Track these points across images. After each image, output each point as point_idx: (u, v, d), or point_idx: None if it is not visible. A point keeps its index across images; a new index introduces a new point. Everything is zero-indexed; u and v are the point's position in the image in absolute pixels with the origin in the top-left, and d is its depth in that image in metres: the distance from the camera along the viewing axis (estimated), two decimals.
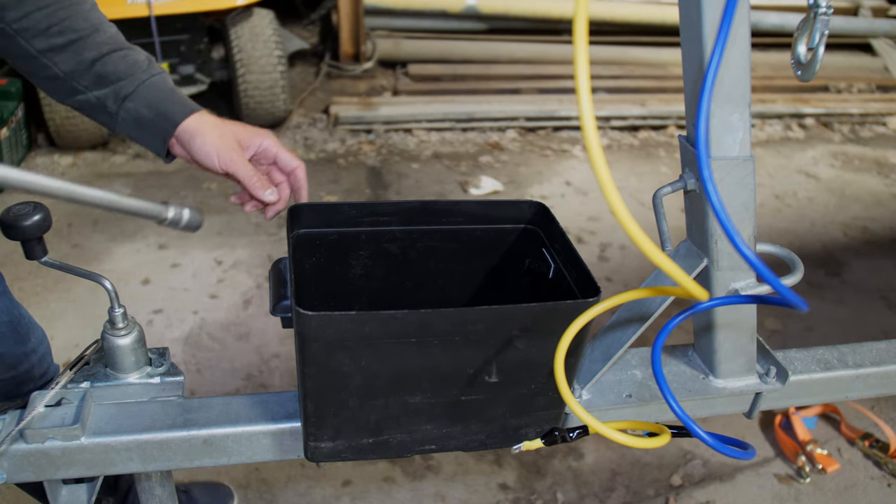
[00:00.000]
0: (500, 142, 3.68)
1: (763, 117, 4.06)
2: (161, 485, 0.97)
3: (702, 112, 0.59)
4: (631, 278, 2.58)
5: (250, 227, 2.80)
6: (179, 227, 0.88)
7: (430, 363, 0.80)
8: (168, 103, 0.95)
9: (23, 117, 3.16)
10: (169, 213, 0.87)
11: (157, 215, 0.85)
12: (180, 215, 0.88)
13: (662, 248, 0.90)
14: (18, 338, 1.17)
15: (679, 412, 0.74)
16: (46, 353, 1.24)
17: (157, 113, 0.94)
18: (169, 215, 0.87)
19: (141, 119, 0.94)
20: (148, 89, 0.94)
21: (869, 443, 1.86)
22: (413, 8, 4.36)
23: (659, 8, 4.59)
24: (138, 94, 0.94)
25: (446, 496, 1.72)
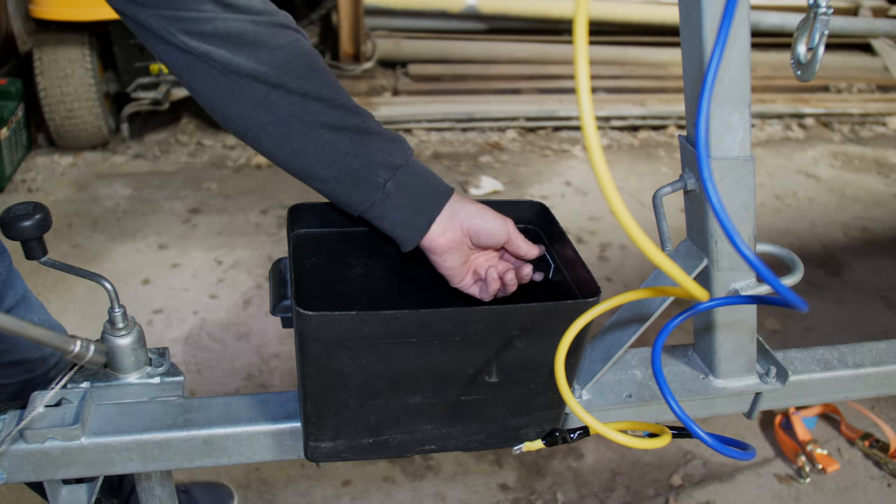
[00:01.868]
0: (500, 142, 3.68)
1: (763, 117, 4.06)
2: (161, 485, 0.97)
3: (702, 112, 0.59)
4: (631, 278, 2.58)
5: (250, 227, 2.80)
6: (83, 362, 0.84)
7: (430, 363, 0.80)
8: (433, 178, 0.87)
9: (23, 117, 3.16)
10: (75, 347, 0.82)
11: (62, 347, 0.81)
12: (87, 350, 0.84)
13: (662, 248, 0.90)
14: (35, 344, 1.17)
15: (679, 412, 0.74)
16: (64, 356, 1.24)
17: (429, 187, 0.86)
18: (75, 349, 0.82)
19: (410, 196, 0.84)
20: (415, 163, 0.86)
21: (869, 443, 1.86)
22: (413, 8, 4.36)
23: (659, 8, 4.59)
24: (409, 167, 0.85)
25: (446, 496, 1.72)
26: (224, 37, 0.77)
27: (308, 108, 0.81)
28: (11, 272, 1.13)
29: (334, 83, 0.83)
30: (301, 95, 0.80)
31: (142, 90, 3.30)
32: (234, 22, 0.77)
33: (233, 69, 0.78)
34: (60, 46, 3.09)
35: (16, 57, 3.47)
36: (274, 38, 0.79)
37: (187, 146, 3.47)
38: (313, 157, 0.82)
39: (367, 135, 0.83)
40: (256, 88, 0.79)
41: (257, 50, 0.78)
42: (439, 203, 0.86)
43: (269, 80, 0.79)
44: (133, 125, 3.50)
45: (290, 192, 3.04)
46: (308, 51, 0.82)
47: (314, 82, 0.81)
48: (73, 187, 3.07)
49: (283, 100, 0.80)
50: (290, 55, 0.80)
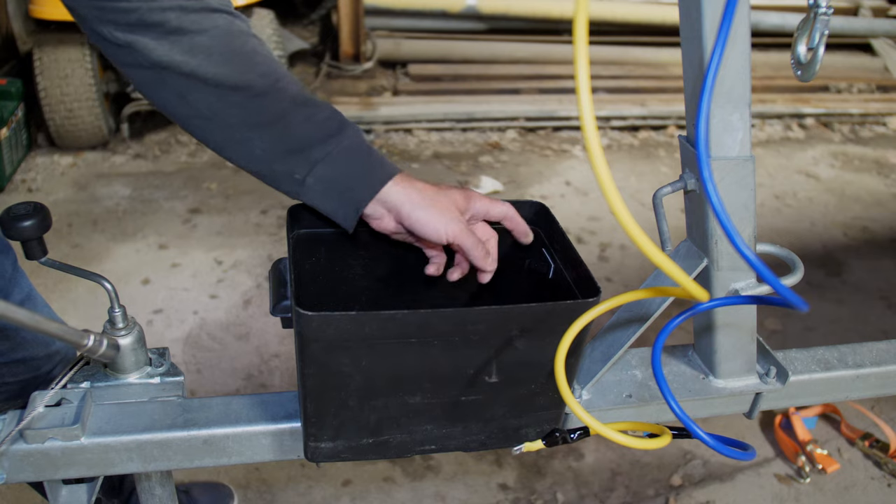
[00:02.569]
0: (500, 142, 3.68)
1: (763, 117, 4.06)
2: (161, 485, 0.97)
3: (702, 112, 0.59)
4: (631, 278, 2.58)
5: (250, 227, 2.80)
6: (96, 356, 0.84)
7: (430, 363, 0.80)
8: (367, 167, 0.83)
9: (23, 117, 3.16)
10: (89, 341, 0.82)
11: (76, 341, 0.80)
12: (100, 345, 0.83)
13: (662, 248, 0.90)
14: (42, 342, 1.17)
15: (679, 413, 0.74)
16: (69, 354, 1.24)
17: (352, 180, 0.83)
18: (88, 343, 0.82)
19: (332, 188, 0.83)
20: (343, 154, 0.83)
21: (869, 443, 1.86)
22: (413, 8, 4.36)
23: (659, 8, 4.59)
24: (331, 158, 0.82)
25: (446, 496, 1.72)
26: (148, 26, 0.76)
27: (224, 100, 0.79)
28: (17, 270, 1.13)
29: (261, 66, 0.81)
30: (216, 86, 0.78)
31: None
32: (157, 11, 0.76)
33: (153, 61, 0.77)
34: (60, 46, 3.09)
35: (16, 57, 3.48)
36: (197, 24, 0.77)
37: (187, 146, 3.47)
38: (234, 152, 0.83)
39: (285, 129, 0.81)
40: (175, 79, 0.78)
41: (178, 38, 0.77)
42: (367, 194, 0.83)
43: (186, 70, 0.77)
44: (133, 125, 3.50)
45: None
46: (236, 33, 0.80)
47: (234, 69, 0.79)
48: (73, 187, 3.07)
49: (199, 92, 0.79)
50: (213, 41, 0.78)
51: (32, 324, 0.72)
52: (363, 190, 0.84)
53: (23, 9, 3.31)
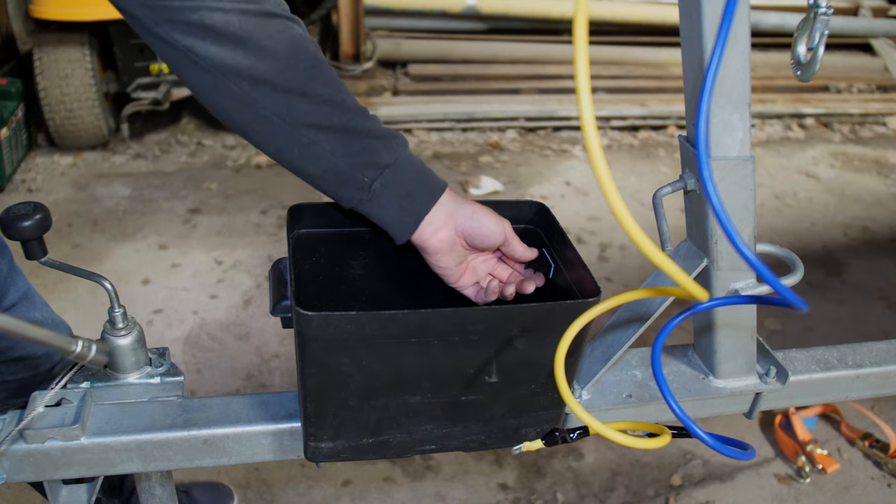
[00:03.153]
0: (500, 142, 3.68)
1: (763, 117, 4.06)
2: (161, 485, 0.97)
3: (702, 112, 0.59)
4: (631, 278, 2.58)
5: (250, 227, 2.80)
6: (84, 362, 0.83)
7: (431, 363, 0.80)
8: (426, 176, 0.85)
9: (23, 117, 3.16)
10: (77, 347, 0.82)
11: (64, 347, 0.80)
12: (88, 351, 0.83)
13: (662, 248, 0.90)
14: None
15: (679, 412, 0.74)
16: None
17: (415, 188, 0.84)
18: (76, 349, 0.81)
19: (394, 197, 0.83)
20: (405, 162, 0.84)
21: (869, 443, 1.86)
22: (413, 8, 4.36)
23: (659, 8, 4.59)
24: (397, 166, 0.83)
25: (446, 496, 1.72)
26: (208, 28, 0.74)
27: (292, 106, 0.79)
28: (13, 269, 1.13)
29: (324, 74, 0.81)
30: (285, 92, 0.78)
31: (142, 90, 3.30)
32: (218, 13, 0.74)
33: (216, 65, 0.76)
34: (60, 46, 3.09)
35: (16, 57, 3.48)
36: (261, 29, 0.76)
37: (187, 146, 3.47)
38: (298, 155, 0.81)
39: (354, 133, 0.81)
40: (239, 85, 0.77)
41: (242, 43, 0.76)
42: (428, 203, 0.85)
43: (253, 75, 0.77)
44: (133, 125, 3.50)
45: (290, 192, 3.04)
46: (297, 39, 0.79)
47: (300, 75, 0.78)
48: (73, 187, 3.07)
49: (266, 98, 0.78)
50: (277, 46, 0.77)
51: (18, 330, 0.71)
52: (425, 198, 0.85)
53: (23, 9, 3.31)
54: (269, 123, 0.79)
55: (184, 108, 3.67)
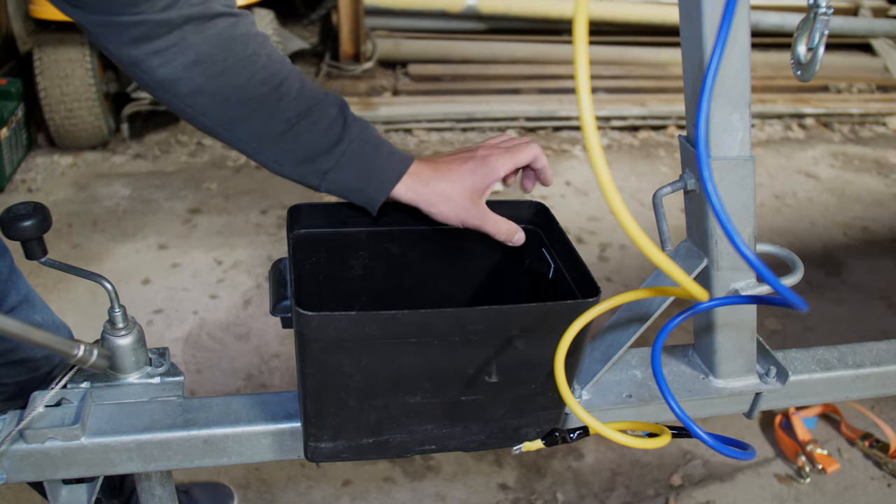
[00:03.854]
0: None
1: (763, 117, 4.06)
2: (161, 485, 0.97)
3: (702, 112, 0.59)
4: (631, 278, 2.58)
5: (250, 227, 2.80)
6: (85, 366, 0.83)
7: (430, 363, 0.80)
8: (372, 171, 0.85)
9: (23, 117, 3.16)
10: (78, 351, 0.81)
11: (65, 351, 0.80)
12: (90, 355, 0.82)
13: (662, 248, 0.90)
14: None
15: (679, 412, 0.74)
16: None
17: (364, 183, 0.85)
18: (78, 353, 0.81)
19: (345, 190, 0.86)
20: (349, 159, 0.84)
21: (869, 443, 1.86)
22: (413, 8, 4.36)
23: (659, 8, 4.59)
24: (340, 166, 0.84)
25: (446, 496, 1.72)
26: (152, 39, 0.76)
27: (230, 114, 0.80)
28: (13, 272, 1.13)
29: (264, 69, 0.80)
30: (223, 101, 0.79)
31: (142, 90, 3.30)
32: (163, 26, 0.75)
33: (158, 80, 0.78)
34: (60, 46, 3.09)
35: (16, 57, 3.47)
36: (199, 34, 0.77)
37: (187, 146, 3.47)
38: (258, 160, 0.85)
39: (293, 139, 0.82)
40: (181, 98, 0.79)
41: (181, 53, 0.76)
42: (379, 194, 0.86)
43: (191, 87, 0.78)
44: (133, 125, 3.50)
45: (290, 192, 3.04)
46: (236, 38, 0.79)
47: (236, 79, 0.79)
48: (73, 187, 3.07)
49: (207, 108, 0.80)
50: (214, 49, 0.78)
51: (20, 333, 0.71)
52: (375, 191, 0.86)
53: (23, 9, 3.31)
54: (216, 133, 0.82)
55: None
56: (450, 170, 0.88)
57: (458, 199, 0.87)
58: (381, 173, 0.85)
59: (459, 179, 0.88)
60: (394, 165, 0.86)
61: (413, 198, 0.87)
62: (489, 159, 0.89)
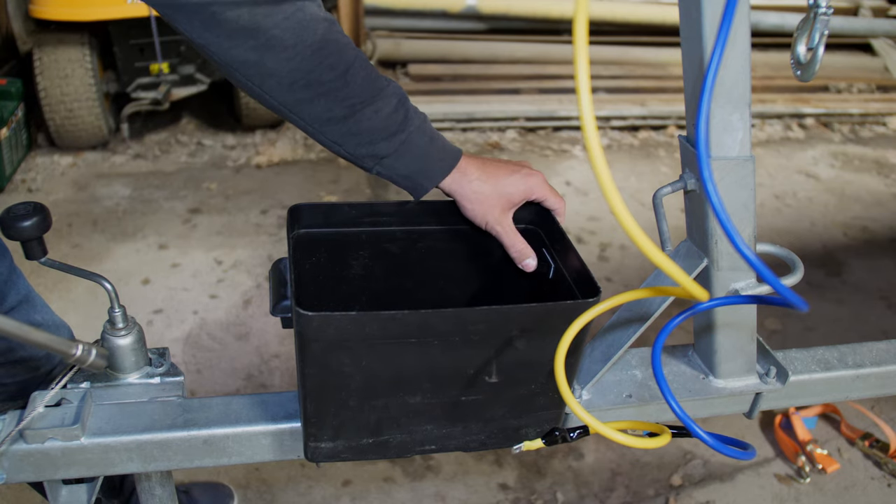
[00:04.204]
0: (500, 142, 3.68)
1: (763, 117, 4.06)
2: (161, 485, 0.97)
3: (702, 112, 0.59)
4: (631, 278, 2.58)
5: (250, 227, 2.80)
6: (84, 366, 0.84)
7: (430, 363, 0.80)
8: (425, 161, 0.90)
9: (23, 117, 3.16)
10: (77, 350, 0.82)
11: (64, 351, 0.80)
12: (88, 355, 0.83)
13: (662, 248, 0.90)
14: None
15: (679, 412, 0.74)
16: None
17: (416, 171, 0.90)
18: (76, 353, 0.82)
19: (396, 176, 0.90)
20: (406, 148, 0.88)
21: (869, 443, 1.86)
22: (413, 8, 4.36)
23: (659, 8, 4.59)
24: (397, 154, 0.88)
25: (446, 496, 1.72)
26: (220, 24, 0.77)
27: (297, 99, 0.83)
28: (13, 272, 1.13)
29: (330, 57, 0.82)
30: (290, 85, 0.82)
31: (142, 90, 3.30)
32: (231, 7, 0.76)
33: (227, 61, 0.80)
34: (60, 46, 3.09)
35: (16, 57, 3.47)
36: (269, 18, 0.78)
37: (187, 146, 3.47)
38: (317, 139, 0.88)
39: (356, 124, 0.85)
40: (251, 79, 0.81)
41: (252, 36, 0.78)
42: (427, 185, 0.91)
43: (260, 70, 0.80)
44: (133, 125, 3.50)
45: (290, 192, 3.04)
46: (306, 22, 0.80)
47: (305, 64, 0.81)
48: (73, 187, 3.07)
49: (273, 90, 0.82)
50: (285, 34, 0.79)
51: (19, 333, 0.72)
52: (424, 180, 0.91)
53: (23, 9, 3.31)
54: (280, 112, 0.85)
55: (184, 108, 3.67)
56: (494, 174, 0.93)
57: (492, 202, 0.92)
58: (433, 165, 0.90)
59: (501, 185, 0.92)
60: (445, 159, 0.91)
61: (455, 190, 0.92)
62: (532, 178, 0.94)
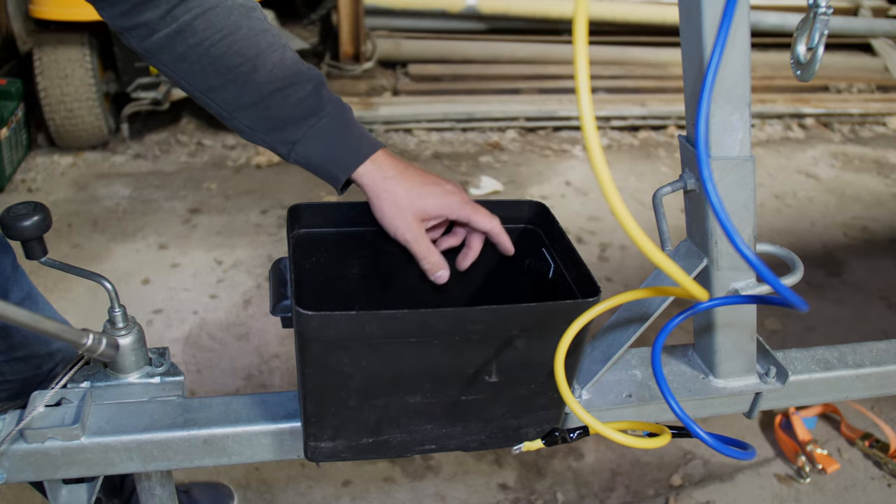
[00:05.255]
0: (500, 142, 3.68)
1: (763, 117, 4.06)
2: (161, 485, 0.97)
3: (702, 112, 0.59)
4: (631, 278, 2.58)
5: (250, 227, 2.80)
6: (94, 355, 0.84)
7: (430, 363, 0.80)
8: (339, 149, 0.88)
9: (23, 117, 3.16)
10: (88, 340, 0.82)
11: (75, 340, 0.80)
12: (99, 343, 0.83)
13: (662, 248, 0.90)
14: (42, 340, 1.17)
15: (679, 412, 0.74)
16: (70, 352, 1.24)
17: (328, 159, 0.88)
18: (87, 342, 0.82)
19: (311, 164, 0.89)
20: (317, 134, 0.87)
21: (869, 443, 1.86)
22: (413, 8, 4.36)
23: (659, 8, 4.59)
24: (307, 139, 0.87)
25: (446, 496, 1.72)
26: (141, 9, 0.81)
27: (208, 85, 0.85)
28: (17, 269, 1.13)
29: (242, 40, 0.84)
30: (201, 70, 0.84)
31: (142, 90, 3.30)
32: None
33: (146, 48, 0.83)
34: (60, 46, 3.09)
35: (16, 57, 3.47)
36: (184, 5, 0.81)
37: (187, 146, 3.47)
38: (228, 121, 0.88)
39: (265, 109, 0.86)
40: (165, 63, 0.85)
41: (166, 23, 0.81)
42: (341, 173, 0.88)
43: (173, 55, 0.83)
44: (133, 125, 3.50)
45: (290, 192, 3.04)
46: (218, 10, 0.83)
47: (216, 47, 0.83)
48: (73, 187, 3.07)
49: (187, 74, 0.85)
50: (196, 21, 0.82)
51: (31, 323, 0.72)
52: (338, 169, 0.88)
53: (23, 9, 3.31)
54: (195, 97, 0.87)
55: (184, 108, 3.67)
56: (412, 179, 0.89)
57: (404, 206, 0.88)
58: (347, 153, 0.88)
59: (416, 193, 0.88)
60: (361, 148, 0.88)
61: (367, 184, 0.88)
62: (452, 196, 0.90)
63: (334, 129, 0.88)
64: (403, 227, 0.89)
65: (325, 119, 0.87)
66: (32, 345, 1.15)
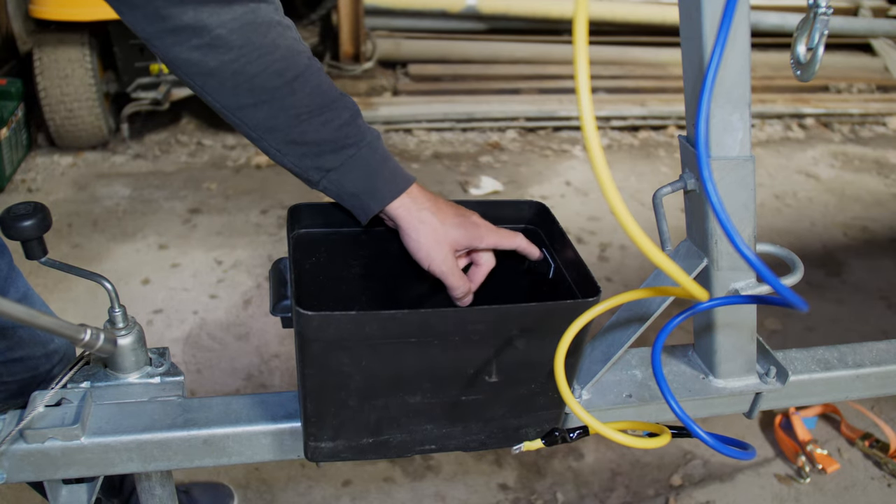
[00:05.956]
0: (500, 142, 3.68)
1: (763, 117, 4.06)
2: (161, 485, 0.97)
3: (702, 112, 0.59)
4: (631, 278, 2.58)
5: (250, 227, 2.80)
6: (93, 350, 0.83)
7: (430, 363, 0.80)
8: (375, 180, 0.86)
9: (23, 117, 3.16)
10: (85, 335, 0.81)
11: (72, 336, 0.80)
12: (97, 339, 0.83)
13: (662, 248, 0.90)
14: (40, 340, 1.17)
15: (679, 412, 0.74)
16: (69, 353, 1.24)
17: (364, 190, 0.86)
18: (85, 338, 0.81)
19: (342, 193, 0.86)
20: (356, 163, 0.85)
21: (869, 443, 1.86)
22: (413, 8, 4.36)
23: (659, 8, 4.59)
24: (344, 168, 0.84)
25: (446, 496, 1.72)
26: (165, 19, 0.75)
27: (239, 104, 0.81)
28: (13, 270, 1.13)
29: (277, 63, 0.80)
30: (233, 88, 0.79)
31: (142, 90, 3.30)
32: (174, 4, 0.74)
33: (171, 60, 0.78)
34: (60, 46, 3.09)
35: (16, 57, 3.48)
36: (216, 17, 0.76)
37: (187, 146, 3.47)
38: (256, 142, 0.84)
39: (301, 134, 0.82)
40: (193, 79, 0.80)
41: (196, 34, 0.76)
42: (375, 205, 0.87)
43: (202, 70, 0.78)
44: (133, 125, 3.50)
45: (290, 192, 3.04)
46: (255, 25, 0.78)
47: (249, 67, 0.79)
48: (73, 187, 3.07)
49: (216, 91, 0.80)
50: (231, 35, 0.77)
51: (28, 318, 0.72)
52: (372, 200, 0.86)
53: (23, 9, 3.31)
54: (222, 114, 0.82)
55: (184, 108, 3.67)
56: (445, 212, 0.89)
57: (439, 238, 0.88)
58: (383, 185, 0.86)
59: (449, 224, 0.89)
60: (397, 181, 0.87)
61: (402, 216, 0.87)
62: (480, 228, 0.91)
63: (372, 160, 0.85)
64: (440, 260, 0.88)
65: (365, 149, 0.85)
66: (30, 345, 1.15)
